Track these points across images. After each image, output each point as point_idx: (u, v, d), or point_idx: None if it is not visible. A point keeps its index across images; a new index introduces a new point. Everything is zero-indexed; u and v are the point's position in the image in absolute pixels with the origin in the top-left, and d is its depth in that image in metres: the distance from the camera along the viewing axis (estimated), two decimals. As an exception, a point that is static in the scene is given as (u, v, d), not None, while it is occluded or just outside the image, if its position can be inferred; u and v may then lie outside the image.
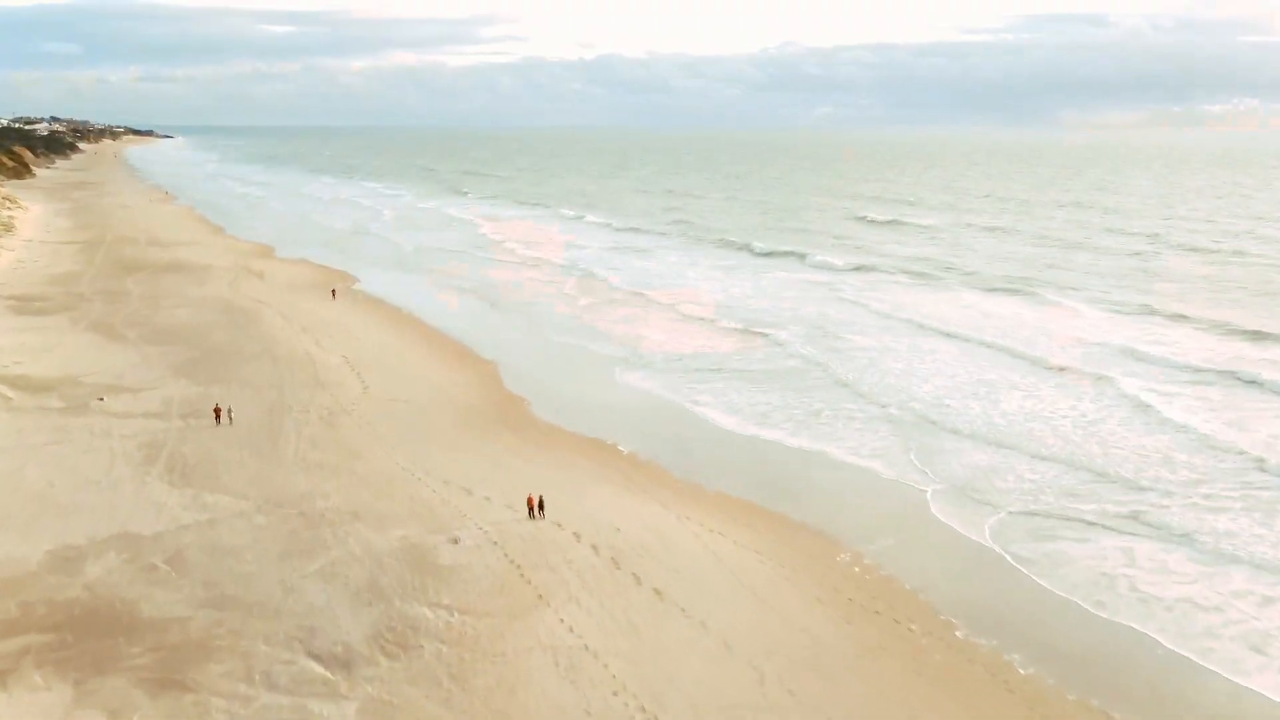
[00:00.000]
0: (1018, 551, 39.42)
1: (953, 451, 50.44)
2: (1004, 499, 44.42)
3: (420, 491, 43.55)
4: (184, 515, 40.49)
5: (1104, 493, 45.04)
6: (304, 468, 46.17)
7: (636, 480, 46.73)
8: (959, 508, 43.65)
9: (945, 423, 54.90)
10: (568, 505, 42.13)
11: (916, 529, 41.92)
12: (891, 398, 59.92)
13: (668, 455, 50.53)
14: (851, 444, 51.97)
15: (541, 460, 48.98)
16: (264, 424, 52.61)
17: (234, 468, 46.01)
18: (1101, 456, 49.59)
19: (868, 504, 44.74)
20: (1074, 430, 53.69)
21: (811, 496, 45.40)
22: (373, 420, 53.78)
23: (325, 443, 49.76)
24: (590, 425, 55.00)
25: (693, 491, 45.80)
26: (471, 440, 51.55)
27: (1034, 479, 46.75)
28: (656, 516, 41.95)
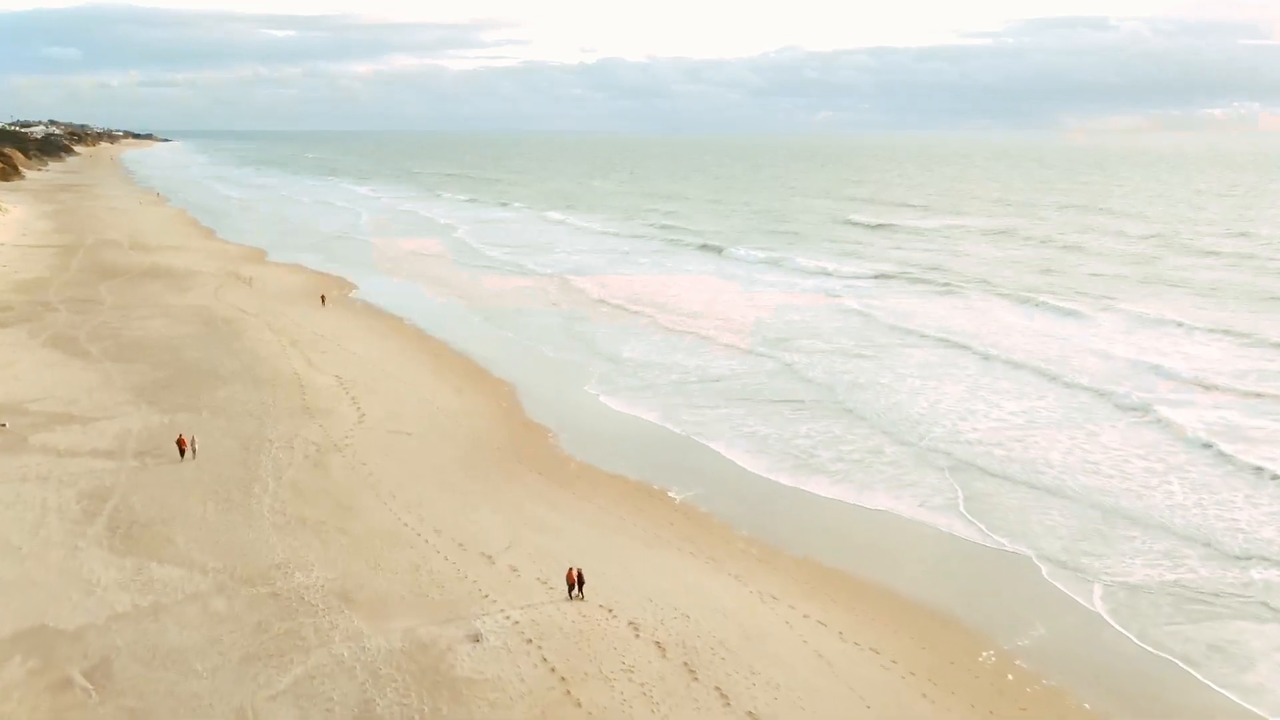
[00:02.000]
0: (1189, 654, 30.14)
1: (1032, 508, 40.82)
2: (1126, 570, 35.23)
3: (429, 560, 34.09)
4: (120, 599, 31.00)
5: (1225, 567, 35.80)
6: (282, 525, 36.68)
7: (697, 541, 37.29)
8: (1083, 583, 34.32)
9: (1001, 470, 45.05)
10: (616, 579, 32.79)
11: (1053, 614, 32.49)
12: (921, 432, 50.14)
13: (720, 503, 41.17)
14: (906, 495, 42.25)
15: (576, 512, 39.59)
16: (236, 464, 43.12)
17: (193, 526, 36.53)
18: (1199, 516, 40.12)
19: (971, 574, 35.37)
20: (1148, 478, 44.13)
21: (900, 564, 36.02)
22: (369, 459, 44.31)
23: (310, 490, 40.25)
24: (623, 461, 45.66)
25: (764, 555, 36.42)
26: (489, 485, 42.10)
27: (1142, 545, 37.37)
28: (733, 595, 32.51)
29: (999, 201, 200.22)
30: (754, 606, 31.81)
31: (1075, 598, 33.55)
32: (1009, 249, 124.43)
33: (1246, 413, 53.25)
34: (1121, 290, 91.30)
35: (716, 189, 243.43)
